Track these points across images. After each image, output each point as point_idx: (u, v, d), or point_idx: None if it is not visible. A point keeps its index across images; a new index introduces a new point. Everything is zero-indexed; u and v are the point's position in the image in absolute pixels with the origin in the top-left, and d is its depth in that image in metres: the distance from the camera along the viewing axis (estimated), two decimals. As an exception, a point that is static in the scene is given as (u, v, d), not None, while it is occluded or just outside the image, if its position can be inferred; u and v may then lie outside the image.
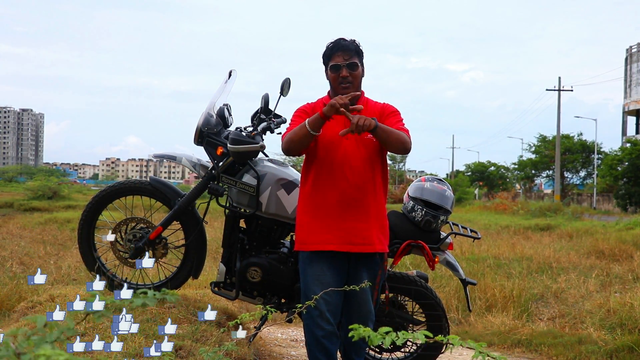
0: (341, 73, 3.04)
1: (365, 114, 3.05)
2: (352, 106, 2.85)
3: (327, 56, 3.08)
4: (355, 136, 3.00)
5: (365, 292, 3.13)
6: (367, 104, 3.15)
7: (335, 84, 3.07)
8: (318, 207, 3.07)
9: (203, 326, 3.50)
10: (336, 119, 3.01)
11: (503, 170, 58.26)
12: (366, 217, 3.06)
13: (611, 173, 32.60)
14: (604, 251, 9.92)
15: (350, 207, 3.04)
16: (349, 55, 3.04)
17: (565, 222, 16.92)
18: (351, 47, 3.06)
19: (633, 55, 44.66)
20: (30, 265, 8.36)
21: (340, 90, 3.05)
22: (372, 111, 3.12)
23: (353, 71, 3.05)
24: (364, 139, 3.05)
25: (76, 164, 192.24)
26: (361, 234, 3.05)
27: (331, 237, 3.03)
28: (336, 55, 3.05)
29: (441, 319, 3.77)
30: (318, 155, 3.07)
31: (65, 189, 27.66)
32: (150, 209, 3.95)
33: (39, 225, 14.39)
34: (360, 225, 3.05)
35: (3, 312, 4.98)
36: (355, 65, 3.06)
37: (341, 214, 3.04)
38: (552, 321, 6.00)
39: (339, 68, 3.04)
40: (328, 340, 3.09)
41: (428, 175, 3.99)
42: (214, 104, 3.77)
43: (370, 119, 2.80)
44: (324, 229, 3.05)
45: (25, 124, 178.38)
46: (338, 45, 3.05)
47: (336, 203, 3.04)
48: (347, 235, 3.04)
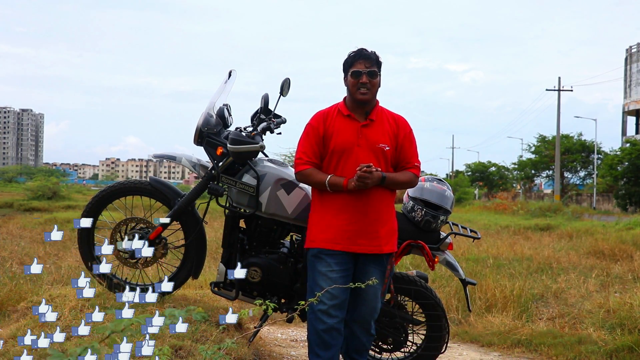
0: (361, 79, 3.18)
1: (379, 123, 3.24)
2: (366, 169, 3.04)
3: (349, 63, 3.23)
4: (368, 144, 3.18)
5: (375, 289, 3.23)
6: (382, 113, 3.28)
7: (354, 90, 3.20)
8: (329, 207, 3.18)
9: (203, 326, 3.50)
10: (351, 127, 3.20)
11: (503, 170, 58.25)
12: (376, 219, 3.18)
13: (611, 173, 32.61)
14: (604, 251, 9.92)
15: (360, 209, 3.15)
16: (370, 64, 3.20)
17: (565, 222, 16.93)
18: (372, 57, 3.22)
19: (633, 55, 44.67)
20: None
21: (358, 95, 3.19)
22: (386, 121, 3.26)
23: (372, 79, 3.20)
24: (375, 148, 3.19)
25: (76, 164, 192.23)
26: (370, 235, 3.17)
27: (340, 237, 3.15)
28: (358, 63, 3.20)
29: (441, 319, 3.77)
30: (331, 161, 3.20)
31: (64, 189, 27.61)
32: (150, 209, 3.95)
33: (38, 226, 14.39)
34: (369, 228, 3.16)
35: (3, 312, 4.97)
36: (375, 74, 3.21)
37: (351, 215, 3.15)
38: (552, 321, 6.00)
39: (360, 74, 3.18)
40: (329, 334, 3.12)
41: (428, 175, 3.99)
42: (214, 104, 3.77)
43: (378, 176, 3.06)
44: (333, 228, 3.16)
45: (25, 124, 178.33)
46: (360, 54, 3.21)
47: (346, 205, 3.15)
48: (356, 236, 3.15)
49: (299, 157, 3.24)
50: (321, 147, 3.22)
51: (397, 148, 3.25)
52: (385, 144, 3.20)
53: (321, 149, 3.23)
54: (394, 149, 3.23)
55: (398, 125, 3.28)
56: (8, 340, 3.45)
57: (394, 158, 3.25)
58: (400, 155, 3.26)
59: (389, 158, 3.22)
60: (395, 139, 3.24)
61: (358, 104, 3.22)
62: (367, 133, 3.20)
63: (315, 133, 3.22)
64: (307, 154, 3.22)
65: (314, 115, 3.30)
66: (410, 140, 3.29)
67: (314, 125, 3.25)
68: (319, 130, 3.22)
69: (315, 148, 3.22)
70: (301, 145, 3.26)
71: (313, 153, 3.22)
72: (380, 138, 3.20)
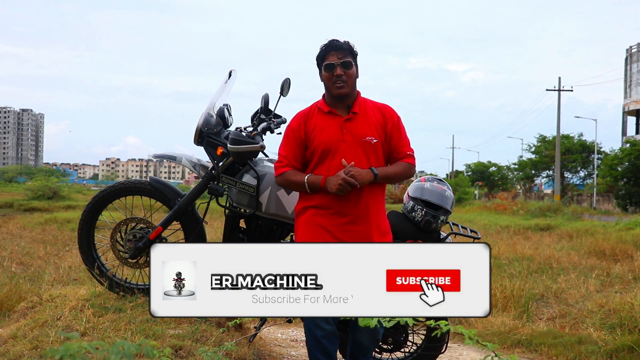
0: (335, 72, 3.01)
1: (362, 115, 3.07)
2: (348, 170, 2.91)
3: (321, 57, 3.07)
4: (354, 139, 3.02)
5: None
6: (364, 104, 3.12)
7: (330, 84, 3.04)
8: (316, 207, 3.04)
9: (203, 326, 3.50)
10: (334, 124, 3.04)
11: (504, 170, 58.27)
12: (365, 218, 3.04)
13: (611, 173, 32.61)
14: (604, 251, 9.92)
15: (347, 208, 3.01)
16: (343, 54, 3.03)
17: (565, 222, 16.92)
18: (345, 47, 3.05)
19: (633, 55, 44.66)
20: (30, 265, 8.36)
21: (335, 90, 3.03)
22: (371, 112, 3.10)
23: (347, 70, 3.03)
24: (362, 142, 3.03)
25: (76, 164, 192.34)
26: (359, 235, 3.02)
27: (330, 238, 3.00)
28: (330, 55, 3.03)
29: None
30: (316, 159, 3.05)
31: (64, 189, 27.58)
32: (150, 209, 3.95)
33: (39, 225, 14.39)
34: (358, 227, 3.02)
35: (3, 312, 4.98)
36: (350, 64, 3.04)
37: (340, 216, 3.01)
38: (552, 321, 6.00)
39: (333, 67, 3.01)
40: (327, 340, 3.09)
41: (428, 175, 3.99)
42: (214, 104, 3.77)
43: (368, 174, 2.93)
44: (322, 230, 3.02)
45: (25, 124, 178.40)
46: (331, 45, 3.04)
47: (334, 204, 3.01)
48: (346, 237, 3.01)
49: (279, 161, 3.10)
50: (302, 149, 3.08)
51: (387, 139, 3.09)
52: (372, 136, 3.03)
53: (302, 152, 3.09)
54: (382, 141, 3.07)
55: (384, 115, 3.11)
56: (8, 340, 3.45)
57: (384, 150, 3.10)
58: (390, 146, 3.10)
59: (379, 151, 3.06)
60: (383, 130, 3.08)
61: (337, 98, 3.05)
62: (351, 127, 3.03)
63: (295, 136, 3.08)
64: (287, 158, 3.08)
65: (293, 117, 3.16)
66: (399, 128, 3.12)
67: (294, 128, 3.10)
68: (300, 132, 3.07)
69: (296, 151, 3.07)
70: (281, 148, 3.11)
71: (294, 157, 3.08)
72: (367, 131, 3.03)
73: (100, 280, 3.93)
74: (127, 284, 3.92)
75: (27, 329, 3.52)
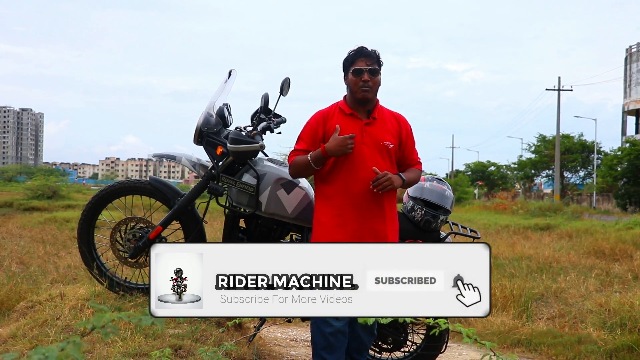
0: (363, 77, 3.14)
1: (381, 121, 3.22)
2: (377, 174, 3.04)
3: (350, 61, 3.19)
4: (373, 142, 3.16)
5: None
6: (382, 111, 3.26)
7: (356, 88, 3.16)
8: (334, 207, 3.14)
9: (203, 326, 3.50)
10: (355, 126, 3.16)
11: (504, 169, 58.26)
12: (382, 218, 3.16)
13: (611, 173, 32.63)
14: (604, 251, 9.93)
15: (365, 208, 3.13)
16: (371, 62, 3.17)
17: (565, 222, 16.93)
18: (373, 55, 3.18)
19: (633, 55, 44.66)
20: (29, 264, 8.35)
21: (360, 94, 3.15)
22: (388, 119, 3.25)
23: (374, 77, 3.16)
24: (380, 146, 3.17)
25: (76, 164, 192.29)
26: (377, 234, 3.14)
27: (347, 237, 3.11)
28: (359, 60, 3.16)
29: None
30: (336, 160, 3.15)
31: (64, 188, 27.56)
32: (150, 208, 3.95)
33: (38, 225, 14.38)
34: (376, 227, 3.14)
35: (3, 312, 4.98)
36: (376, 72, 3.18)
37: (357, 215, 3.13)
38: (552, 321, 6.00)
39: (361, 72, 3.14)
40: (335, 337, 3.10)
41: (428, 175, 4.00)
42: (214, 104, 3.77)
43: (398, 180, 3.10)
44: (339, 228, 3.12)
45: (24, 124, 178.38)
46: (361, 52, 3.18)
47: (353, 204, 3.13)
48: (363, 236, 3.12)
49: (291, 155, 3.23)
50: (317, 148, 3.17)
51: (401, 146, 3.25)
52: (389, 141, 3.19)
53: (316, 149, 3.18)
54: (397, 147, 3.23)
55: (400, 123, 3.28)
56: (8, 340, 3.45)
57: (397, 156, 3.25)
58: (404, 153, 3.27)
59: (393, 156, 3.21)
60: (399, 137, 3.24)
61: (359, 102, 3.19)
62: (370, 131, 3.18)
63: (312, 134, 3.20)
64: (299, 153, 3.19)
65: (313, 115, 3.26)
66: (411, 137, 3.32)
67: (312, 126, 3.22)
68: (318, 131, 3.19)
69: (311, 149, 3.18)
70: (297, 143, 3.23)
71: (306, 152, 3.18)
72: (385, 136, 3.19)
73: (99, 279, 3.93)
74: (127, 284, 3.92)
75: (26, 329, 3.52)
